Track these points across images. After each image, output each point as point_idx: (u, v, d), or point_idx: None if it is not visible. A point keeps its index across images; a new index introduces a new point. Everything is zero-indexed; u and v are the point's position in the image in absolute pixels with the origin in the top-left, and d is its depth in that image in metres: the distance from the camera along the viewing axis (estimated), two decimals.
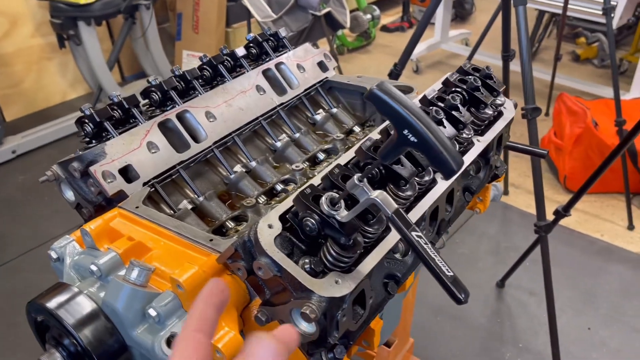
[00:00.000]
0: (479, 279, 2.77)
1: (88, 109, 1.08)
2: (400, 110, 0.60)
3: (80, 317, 0.78)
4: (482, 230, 3.10)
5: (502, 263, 2.79)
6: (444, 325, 2.52)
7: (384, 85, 0.61)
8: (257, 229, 0.77)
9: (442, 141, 0.60)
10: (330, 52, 4.14)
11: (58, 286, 0.83)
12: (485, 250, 2.96)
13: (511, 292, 2.70)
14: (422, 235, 0.69)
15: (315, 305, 0.73)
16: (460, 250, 2.96)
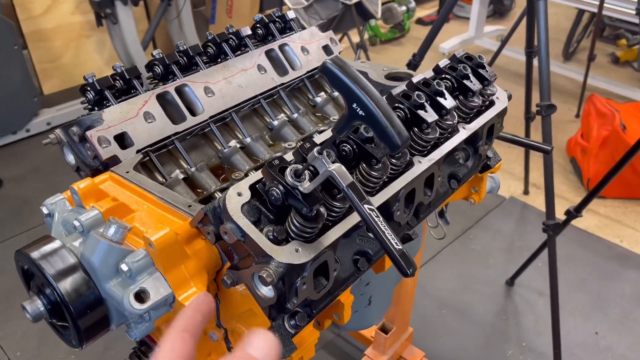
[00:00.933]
0: (489, 276, 2.76)
1: (91, 77, 1.14)
2: (349, 84, 0.62)
3: (59, 269, 0.84)
4: (497, 228, 3.08)
5: (514, 262, 2.77)
6: (448, 318, 2.52)
7: (337, 59, 0.64)
8: (226, 196, 0.81)
9: (389, 116, 0.62)
10: (359, 42, 4.14)
11: (44, 238, 0.89)
12: (498, 248, 2.94)
13: (520, 291, 2.68)
14: (374, 209, 0.71)
15: (272, 270, 0.77)
16: (473, 245, 2.95)
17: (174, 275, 0.85)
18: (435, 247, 2.91)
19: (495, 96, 1.18)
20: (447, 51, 4.87)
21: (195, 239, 0.89)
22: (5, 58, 3.54)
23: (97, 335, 0.89)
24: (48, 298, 0.86)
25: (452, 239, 2.98)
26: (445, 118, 1.03)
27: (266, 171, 0.80)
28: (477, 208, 3.22)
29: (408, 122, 0.99)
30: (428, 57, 5.08)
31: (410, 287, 1.97)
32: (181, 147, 1.16)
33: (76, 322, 0.84)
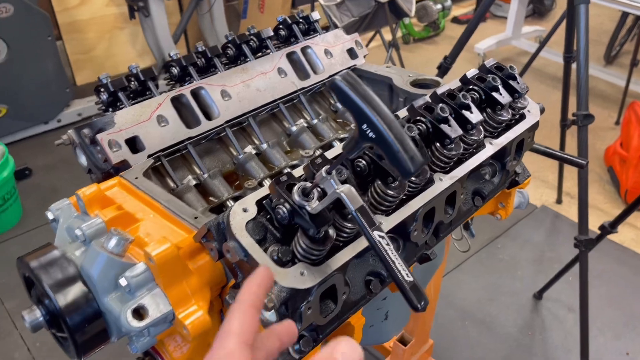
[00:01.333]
0: (516, 288, 2.66)
1: (105, 78, 1.11)
2: (359, 103, 0.57)
3: (58, 279, 0.81)
4: (526, 238, 2.97)
5: (543, 274, 2.67)
6: (471, 330, 2.44)
7: (347, 76, 0.59)
8: (231, 212, 0.77)
9: (401, 140, 0.57)
10: (391, 40, 4.05)
11: (45, 246, 0.86)
12: (526, 259, 2.84)
13: (548, 306, 2.58)
14: (384, 236, 0.66)
15: (275, 295, 0.72)
16: (500, 255, 2.86)
17: (174, 292, 0.81)
18: (460, 256, 2.82)
19: (527, 109, 1.11)
20: (483, 51, 4.74)
21: (199, 253, 0.85)
22: (39, 49, 3.59)
23: (95, 347, 0.86)
24: (47, 308, 0.83)
25: (479, 248, 2.89)
26: (470, 133, 0.96)
27: (273, 187, 0.75)
28: None
29: (430, 136, 0.93)
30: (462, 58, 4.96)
31: (431, 296, 1.90)
32: (194, 153, 1.12)
33: (73, 335, 0.81)
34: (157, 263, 0.78)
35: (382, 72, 1.36)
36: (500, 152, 1.08)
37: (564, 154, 1.48)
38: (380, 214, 0.87)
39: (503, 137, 1.04)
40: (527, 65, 3.20)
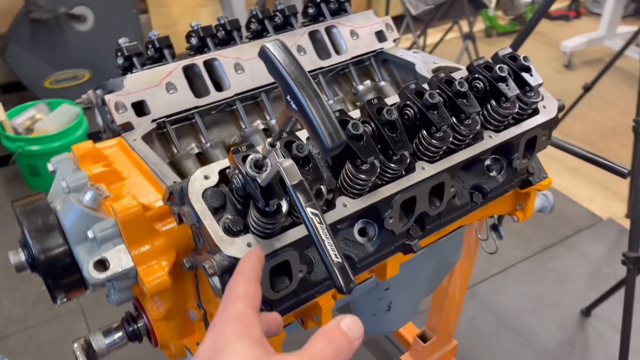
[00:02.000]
0: (562, 301, 2.51)
1: (124, 43, 1.15)
2: (283, 73, 0.56)
3: (37, 226, 0.86)
4: (584, 250, 2.79)
5: (596, 290, 2.49)
6: (505, 338, 2.34)
7: (278, 44, 0.57)
8: (192, 177, 0.78)
9: (322, 114, 0.55)
10: (468, 32, 3.91)
11: (34, 195, 0.92)
12: (580, 272, 2.66)
13: (595, 324, 2.41)
14: (319, 214, 0.64)
15: (216, 262, 0.73)
16: (551, 265, 2.70)
17: (138, 251, 0.84)
18: (507, 260, 2.70)
19: (542, 105, 1.03)
20: (570, 50, 4.46)
21: (169, 217, 0.87)
22: (123, 20, 3.79)
23: (69, 294, 0.90)
24: (30, 252, 0.89)
25: (530, 255, 2.74)
26: (464, 123, 0.91)
27: (231, 157, 0.75)
28: (564, 225, 2.93)
29: (417, 122, 0.89)
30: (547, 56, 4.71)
31: (455, 297, 1.84)
32: (200, 122, 1.15)
33: (46, 279, 0.86)
34: (120, 219, 0.81)
35: (408, 57, 1.32)
36: (505, 147, 1.02)
37: (605, 160, 1.38)
38: (352, 197, 0.85)
39: (506, 132, 0.98)
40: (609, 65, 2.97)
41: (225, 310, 0.57)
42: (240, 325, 0.54)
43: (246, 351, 0.51)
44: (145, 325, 1.03)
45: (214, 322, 0.56)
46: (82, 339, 1.02)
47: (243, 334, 0.53)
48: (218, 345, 0.52)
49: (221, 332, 0.54)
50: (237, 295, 0.58)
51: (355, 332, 0.55)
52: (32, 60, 3.58)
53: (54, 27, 3.52)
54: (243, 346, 0.51)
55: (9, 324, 2.38)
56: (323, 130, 0.55)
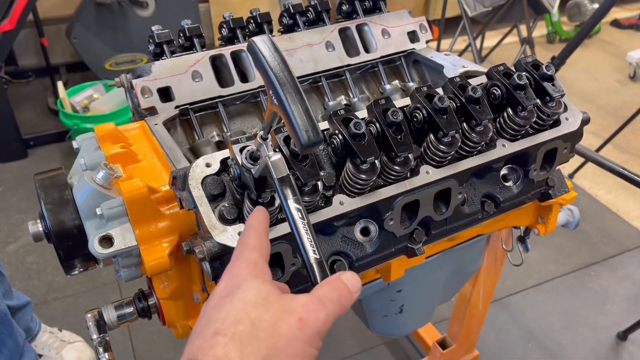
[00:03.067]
0: (598, 322, 2.41)
1: (157, 30, 1.20)
2: (267, 68, 0.57)
3: (53, 199, 0.91)
4: (628, 271, 2.66)
5: (636, 314, 2.38)
6: (533, 354, 2.27)
7: (265, 39, 0.58)
8: (194, 164, 0.80)
9: (300, 111, 0.56)
10: (526, 37, 3.79)
11: (56, 169, 0.97)
12: (621, 294, 2.54)
13: (632, 349, 2.30)
14: (301, 209, 0.65)
15: (207, 248, 0.75)
16: (591, 284, 2.60)
17: (142, 230, 0.87)
18: (544, 274, 2.62)
19: (564, 116, 1.00)
20: (636, 61, 4.24)
21: (174, 200, 0.90)
22: (183, 8, 3.90)
23: (80, 266, 0.95)
24: (45, 223, 0.94)
25: (569, 271, 2.65)
26: (475, 131, 0.89)
27: (231, 146, 0.77)
28: (610, 243, 2.81)
29: (425, 125, 0.88)
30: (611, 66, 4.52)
31: (479, 306, 1.80)
32: (223, 111, 1.18)
33: (57, 250, 0.91)
34: (126, 199, 0.84)
35: (438, 59, 1.30)
36: (521, 158, 0.99)
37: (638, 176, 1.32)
38: (351, 196, 0.85)
39: (522, 142, 0.95)
40: None
41: (238, 258, 0.60)
42: (254, 269, 0.58)
43: (262, 287, 0.55)
44: (155, 303, 1.07)
45: (229, 267, 0.60)
46: (95, 311, 1.08)
47: (257, 275, 0.57)
48: (235, 283, 0.56)
49: (236, 273, 0.58)
50: (250, 246, 0.61)
51: (354, 285, 0.59)
52: (95, 42, 3.74)
53: (117, 11, 3.67)
54: (259, 283, 0.56)
55: (50, 290, 2.52)
56: (300, 127, 0.56)
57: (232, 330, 0.51)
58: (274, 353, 0.50)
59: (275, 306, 0.53)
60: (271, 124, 0.64)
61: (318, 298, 0.55)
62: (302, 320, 0.52)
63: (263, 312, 0.52)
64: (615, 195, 3.13)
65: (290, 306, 0.53)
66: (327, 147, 0.87)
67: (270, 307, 0.53)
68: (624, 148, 3.56)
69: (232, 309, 0.53)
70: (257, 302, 0.53)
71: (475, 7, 3.71)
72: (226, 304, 0.54)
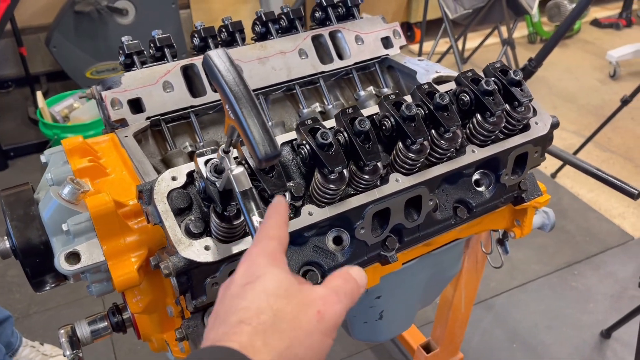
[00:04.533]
0: (582, 321, 2.42)
1: (127, 40, 1.18)
2: (222, 82, 0.56)
3: (18, 216, 0.90)
4: (611, 269, 2.68)
5: (619, 312, 2.39)
6: (517, 354, 2.27)
7: (221, 53, 0.58)
8: (159, 178, 0.80)
9: (256, 125, 0.55)
10: (507, 38, 3.82)
11: (22, 185, 0.96)
12: (604, 292, 2.56)
13: (615, 347, 2.32)
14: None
15: (172, 263, 0.74)
16: (574, 282, 2.61)
17: (110, 245, 0.86)
18: (527, 275, 2.63)
19: (534, 121, 1.00)
20: (615, 60, 4.28)
21: (139, 214, 0.89)
22: (163, 16, 3.88)
23: (52, 283, 0.94)
24: (12, 240, 0.93)
25: (552, 270, 2.66)
26: (445, 137, 0.89)
27: (195, 159, 0.77)
28: (592, 242, 2.83)
29: (393, 133, 0.88)
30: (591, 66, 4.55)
31: (461, 308, 1.80)
32: (195, 121, 1.17)
33: (25, 267, 0.89)
34: (92, 214, 0.83)
35: (411, 64, 1.30)
36: (492, 163, 0.99)
37: (615, 179, 1.33)
38: (320, 206, 0.84)
39: (492, 147, 0.95)
40: None
41: (257, 245, 0.60)
42: (273, 259, 0.59)
43: (283, 278, 0.56)
44: (130, 317, 1.06)
45: (247, 254, 0.60)
46: (69, 326, 1.06)
47: (276, 265, 0.58)
48: (254, 272, 0.57)
49: (255, 262, 0.58)
50: (269, 235, 0.61)
51: (361, 279, 0.61)
52: (74, 51, 3.71)
53: (97, 19, 3.64)
54: (279, 272, 0.57)
55: (32, 303, 2.48)
56: (257, 141, 0.55)
57: (255, 320, 0.52)
58: (295, 344, 0.52)
59: (296, 299, 0.55)
60: (231, 138, 0.63)
61: (334, 291, 0.57)
62: (320, 313, 0.54)
63: (285, 304, 0.54)
64: (597, 193, 3.15)
65: (309, 299, 0.55)
66: (296, 157, 0.87)
67: (291, 300, 0.54)
68: (605, 147, 3.60)
69: (255, 299, 0.54)
70: (278, 293, 0.54)
71: (456, 9, 3.73)
72: (247, 292, 0.55)
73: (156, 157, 1.14)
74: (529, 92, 0.95)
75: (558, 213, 3.02)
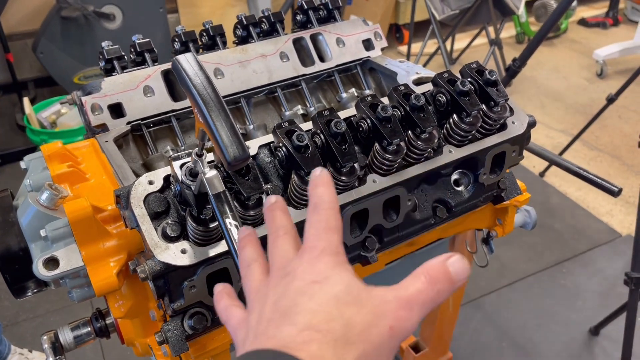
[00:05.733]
0: (571, 318, 2.44)
1: (107, 46, 1.18)
2: (190, 86, 0.57)
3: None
4: (599, 266, 2.70)
5: (607, 309, 2.41)
6: (507, 353, 2.29)
7: (189, 57, 0.58)
8: (136, 182, 0.80)
9: (224, 129, 0.56)
10: (495, 38, 3.84)
11: (1, 191, 0.96)
12: (593, 290, 2.58)
13: (604, 344, 2.33)
14: (238, 226, 0.65)
15: (149, 267, 0.74)
16: (563, 280, 2.63)
17: (89, 250, 0.86)
18: (516, 273, 2.64)
19: (511, 120, 1.01)
20: (602, 59, 4.32)
21: (117, 219, 0.89)
22: (151, 19, 3.88)
23: (34, 288, 0.94)
24: None
25: (541, 269, 2.68)
26: (421, 138, 0.90)
27: (171, 163, 0.77)
28: (580, 240, 2.85)
29: (370, 135, 0.89)
30: (579, 64, 4.58)
31: (449, 308, 1.81)
32: (177, 125, 1.17)
33: (3, 273, 0.89)
34: (70, 220, 0.83)
35: (392, 66, 1.31)
36: (470, 162, 1.00)
37: (596, 177, 1.34)
38: (297, 208, 0.85)
39: (469, 147, 0.96)
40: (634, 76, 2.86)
41: (319, 238, 0.56)
42: (340, 259, 0.55)
43: (352, 283, 0.52)
44: (113, 322, 1.05)
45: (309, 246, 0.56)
46: (52, 332, 1.06)
47: (343, 266, 0.54)
48: (320, 270, 0.53)
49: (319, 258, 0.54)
50: (331, 226, 0.57)
51: (460, 274, 0.51)
52: (62, 57, 3.70)
53: (84, 24, 3.63)
54: (348, 275, 0.52)
55: (20, 310, 2.47)
56: (225, 144, 0.55)
57: (325, 327, 0.48)
58: (363, 357, 0.48)
59: (366, 308, 0.50)
60: (203, 141, 0.64)
61: (408, 303, 0.50)
62: (392, 329, 0.49)
63: (355, 312, 0.49)
64: (585, 192, 3.18)
65: (381, 310, 0.50)
66: (274, 160, 0.87)
67: (362, 309, 0.50)
68: (592, 145, 3.62)
69: (324, 302, 0.50)
70: (348, 300, 0.50)
71: (443, 10, 3.75)
72: (316, 293, 0.51)
73: (137, 161, 1.14)
74: (505, 92, 0.96)
75: (546, 211, 3.04)
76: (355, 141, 0.92)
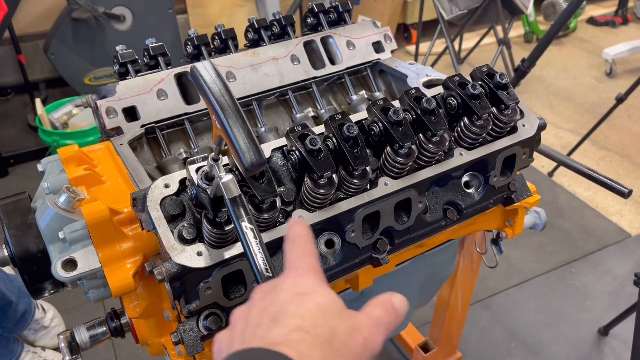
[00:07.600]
0: (580, 318, 2.43)
1: (121, 50, 1.20)
2: (208, 94, 0.58)
3: (16, 224, 0.91)
4: (608, 267, 2.70)
5: (617, 309, 2.41)
6: (516, 353, 2.29)
7: (207, 65, 0.60)
8: (152, 185, 0.81)
9: (242, 135, 0.57)
10: (503, 38, 3.83)
11: (19, 194, 0.97)
12: (602, 290, 2.58)
13: (613, 344, 2.33)
14: (254, 229, 0.66)
15: (165, 269, 0.76)
16: (572, 280, 2.63)
17: (106, 252, 0.88)
18: (525, 273, 2.64)
19: (521, 123, 1.02)
20: (612, 58, 4.30)
21: (137, 221, 0.91)
22: (160, 20, 3.90)
23: (51, 289, 0.96)
24: (10, 249, 0.95)
25: (550, 269, 2.67)
26: (432, 141, 0.91)
27: (187, 167, 0.78)
28: (589, 240, 2.84)
29: (382, 138, 0.90)
30: (588, 64, 4.56)
31: (458, 308, 1.82)
32: (190, 127, 1.19)
33: (22, 275, 0.91)
34: (88, 222, 0.85)
35: (402, 68, 1.32)
36: (480, 165, 1.01)
37: (606, 178, 1.34)
38: (310, 210, 0.86)
39: (480, 149, 0.97)
40: None
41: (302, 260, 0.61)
42: (320, 277, 0.60)
43: (335, 299, 0.57)
44: (128, 322, 1.07)
45: (292, 267, 0.61)
46: (68, 332, 1.08)
47: (324, 285, 0.59)
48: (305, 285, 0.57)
49: (304, 275, 0.59)
50: (309, 253, 0.63)
51: (402, 309, 0.60)
52: (72, 58, 3.73)
53: (94, 26, 3.66)
54: (330, 293, 0.57)
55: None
56: (242, 150, 0.57)
57: (313, 331, 0.52)
58: None
59: (347, 321, 0.55)
60: (219, 146, 0.65)
61: (376, 323, 0.56)
62: (366, 341, 0.54)
63: (338, 323, 0.54)
64: (594, 191, 3.17)
65: (357, 324, 0.55)
66: (287, 163, 0.89)
67: (344, 321, 0.54)
68: (601, 144, 3.61)
69: (310, 309, 0.54)
70: (333, 312, 0.55)
71: (451, 10, 3.75)
72: (303, 302, 0.55)
73: (151, 164, 1.16)
74: (515, 95, 0.97)
75: (555, 211, 3.04)
76: (367, 144, 0.93)
